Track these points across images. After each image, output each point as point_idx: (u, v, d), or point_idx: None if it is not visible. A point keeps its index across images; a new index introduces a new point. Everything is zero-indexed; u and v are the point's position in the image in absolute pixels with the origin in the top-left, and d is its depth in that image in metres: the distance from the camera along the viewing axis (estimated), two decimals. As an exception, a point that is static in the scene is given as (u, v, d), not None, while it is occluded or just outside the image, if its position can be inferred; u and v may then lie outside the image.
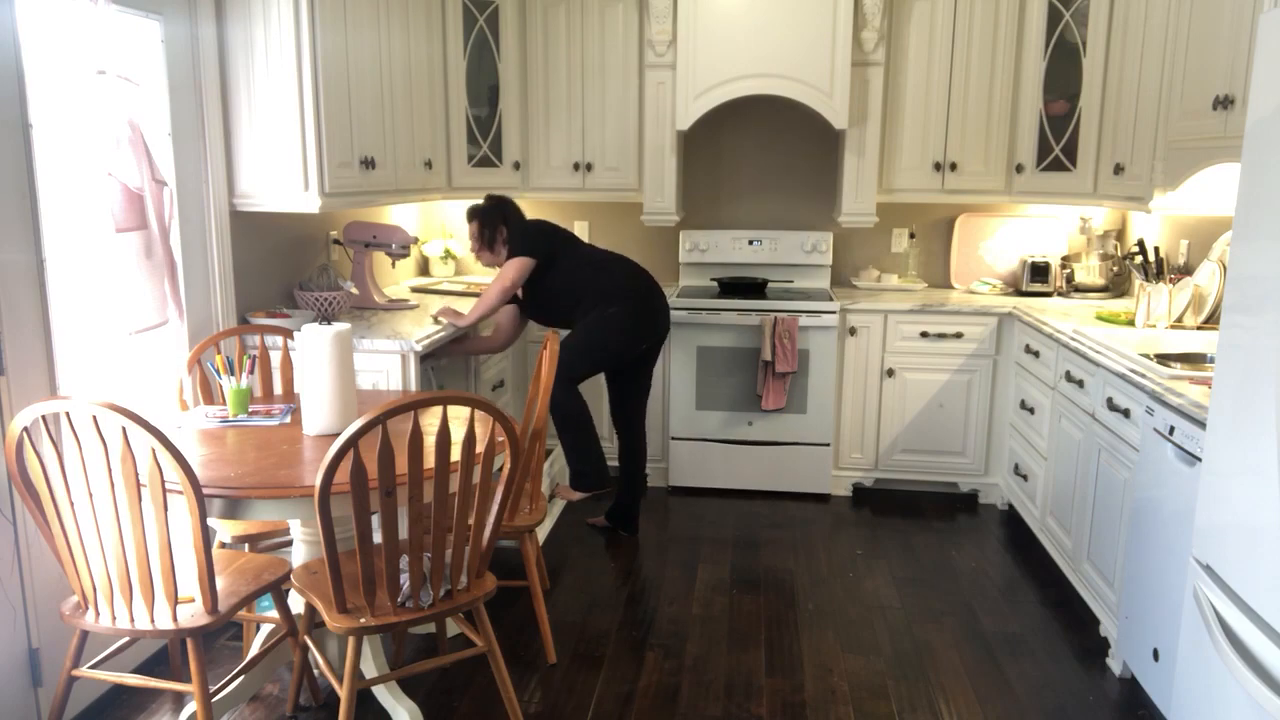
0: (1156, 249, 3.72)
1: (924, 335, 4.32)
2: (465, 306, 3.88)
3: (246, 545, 2.84)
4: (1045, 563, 3.73)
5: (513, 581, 3.15)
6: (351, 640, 2.22)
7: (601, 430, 4.60)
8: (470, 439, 2.17)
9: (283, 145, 3.25)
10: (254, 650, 2.72)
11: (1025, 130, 4.34)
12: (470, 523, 2.29)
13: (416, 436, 2.07)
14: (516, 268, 3.68)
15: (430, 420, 2.61)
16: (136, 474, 2.06)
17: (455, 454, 2.22)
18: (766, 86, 4.28)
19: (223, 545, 2.86)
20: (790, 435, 4.43)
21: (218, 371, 2.76)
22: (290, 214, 3.62)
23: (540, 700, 2.78)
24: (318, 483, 2.05)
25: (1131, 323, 3.64)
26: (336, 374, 2.50)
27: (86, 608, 2.20)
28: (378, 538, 2.23)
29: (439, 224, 5.17)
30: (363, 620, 2.18)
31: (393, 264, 4.70)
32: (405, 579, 2.25)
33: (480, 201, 3.86)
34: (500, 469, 2.34)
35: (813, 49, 4.22)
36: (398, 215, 4.67)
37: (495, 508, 2.32)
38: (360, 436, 2.02)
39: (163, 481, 2.06)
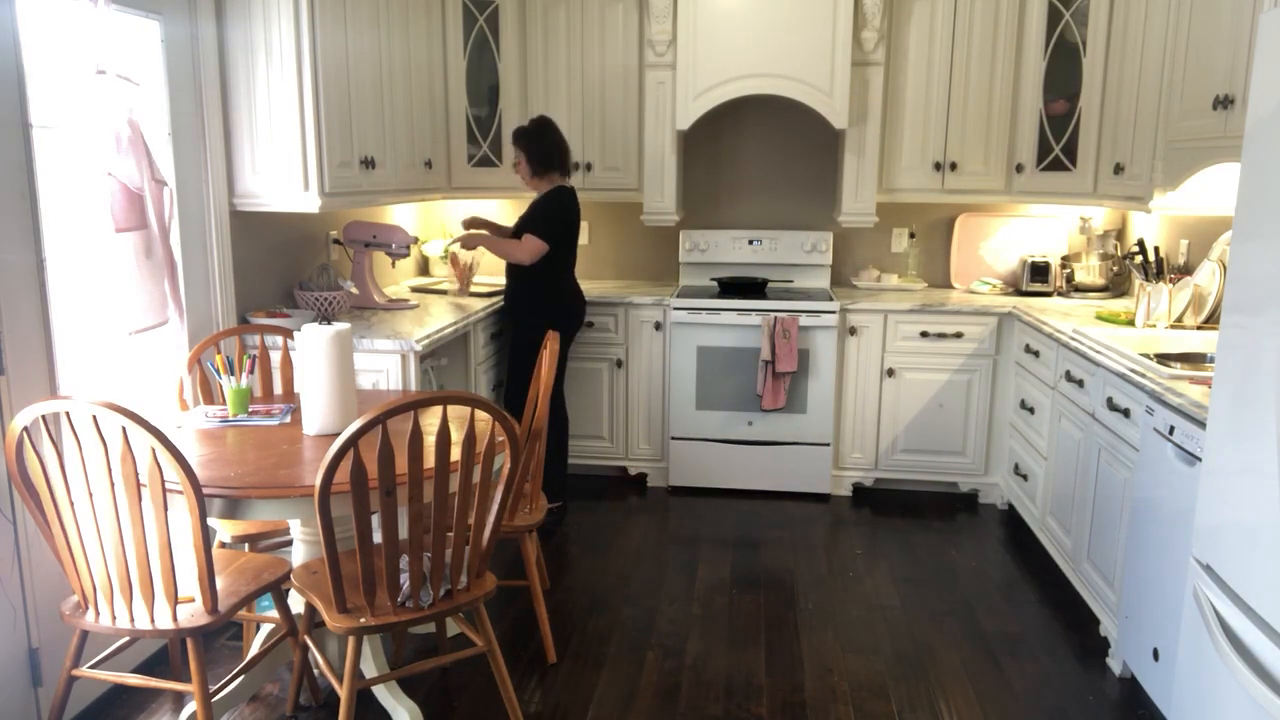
0: (1156, 249, 3.73)
1: (924, 335, 4.32)
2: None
3: (246, 545, 2.84)
4: (1045, 563, 3.73)
5: (513, 581, 3.15)
6: (351, 640, 2.22)
7: (602, 424, 4.63)
8: (470, 438, 2.17)
9: (283, 145, 3.25)
10: (254, 650, 2.72)
11: (1025, 130, 4.34)
12: (470, 522, 2.29)
13: (416, 436, 2.07)
14: (532, 254, 3.89)
15: (430, 420, 2.61)
16: (136, 474, 2.06)
17: (455, 454, 2.22)
18: (766, 86, 4.28)
19: (223, 545, 2.86)
20: (790, 435, 4.43)
21: (218, 371, 2.76)
22: (290, 214, 3.62)
23: (540, 700, 2.78)
24: (318, 483, 2.05)
25: (1131, 323, 3.64)
26: (336, 374, 2.50)
27: (86, 607, 2.20)
28: (377, 537, 2.23)
29: (439, 224, 5.17)
30: (363, 620, 2.18)
31: (393, 264, 4.70)
32: (405, 579, 2.25)
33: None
34: (500, 469, 2.34)
35: (813, 49, 4.22)
36: (398, 215, 4.67)
37: (495, 507, 2.32)
38: (360, 436, 2.02)
39: (163, 481, 2.06)
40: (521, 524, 2.91)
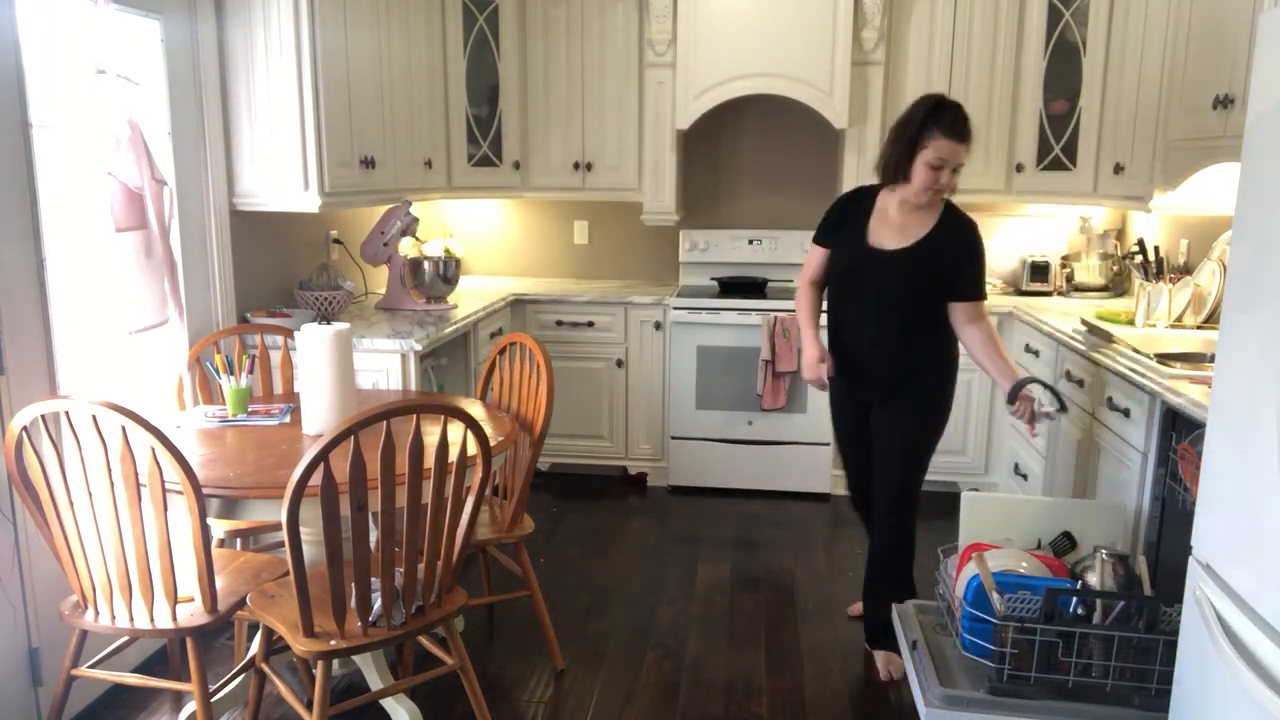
0: (1156, 248, 3.72)
1: (924, 335, 4.31)
2: None
3: (239, 541, 2.83)
4: (1045, 562, 3.72)
5: (512, 594, 3.10)
6: (321, 665, 2.12)
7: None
8: (443, 447, 2.09)
9: (283, 145, 3.25)
10: (252, 649, 2.71)
11: (1025, 129, 4.34)
12: (444, 535, 2.19)
13: (389, 450, 1.99)
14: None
15: (406, 429, 2.54)
16: (136, 474, 2.06)
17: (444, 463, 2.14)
18: (766, 86, 4.28)
19: (221, 543, 2.86)
20: (790, 434, 4.43)
21: (217, 371, 2.76)
22: (290, 213, 3.62)
23: (539, 699, 2.78)
24: (285, 504, 1.97)
25: (1132, 322, 3.63)
26: (336, 373, 2.50)
27: (86, 607, 2.20)
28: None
29: (439, 224, 5.16)
30: (332, 643, 2.09)
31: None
32: (377, 598, 2.17)
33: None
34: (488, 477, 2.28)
35: (813, 48, 4.22)
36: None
37: (465, 519, 2.24)
38: (330, 450, 1.94)
39: (162, 481, 2.06)
40: (519, 534, 2.88)
